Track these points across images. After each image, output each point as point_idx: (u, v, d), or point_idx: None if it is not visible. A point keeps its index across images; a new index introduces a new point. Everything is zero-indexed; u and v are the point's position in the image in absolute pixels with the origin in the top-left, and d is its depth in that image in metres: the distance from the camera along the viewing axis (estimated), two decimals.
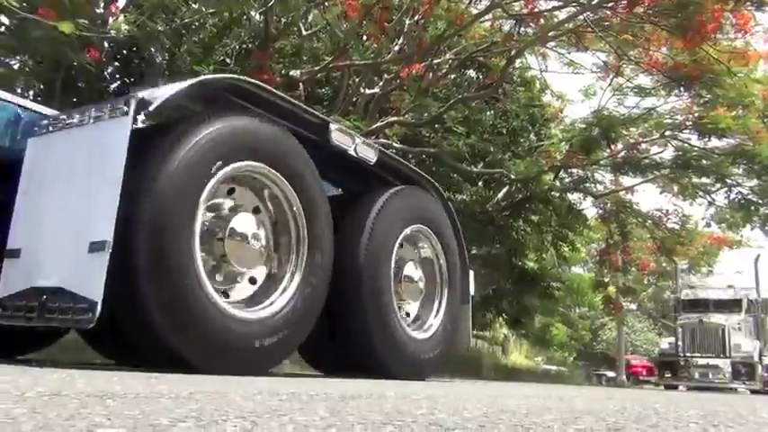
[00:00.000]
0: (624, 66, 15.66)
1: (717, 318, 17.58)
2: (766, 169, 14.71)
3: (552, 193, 17.19)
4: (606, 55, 15.58)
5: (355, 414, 1.88)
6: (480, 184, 18.03)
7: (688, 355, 17.11)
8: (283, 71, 14.52)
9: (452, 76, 17.17)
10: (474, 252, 17.79)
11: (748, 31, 13.09)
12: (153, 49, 13.18)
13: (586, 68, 16.56)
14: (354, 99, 15.75)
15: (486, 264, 18.19)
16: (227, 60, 13.83)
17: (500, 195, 17.64)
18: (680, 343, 17.44)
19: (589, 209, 19.68)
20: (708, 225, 18.02)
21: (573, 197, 18.65)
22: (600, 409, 2.78)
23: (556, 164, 16.24)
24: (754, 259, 19.03)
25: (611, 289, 21.35)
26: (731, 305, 18.32)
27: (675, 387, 17.12)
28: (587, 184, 18.55)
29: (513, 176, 15.66)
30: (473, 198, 17.45)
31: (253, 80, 4.39)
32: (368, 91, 15.83)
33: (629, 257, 20.53)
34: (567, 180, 18.46)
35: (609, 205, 19.40)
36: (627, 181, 18.50)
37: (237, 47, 13.89)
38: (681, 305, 19.26)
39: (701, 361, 16.89)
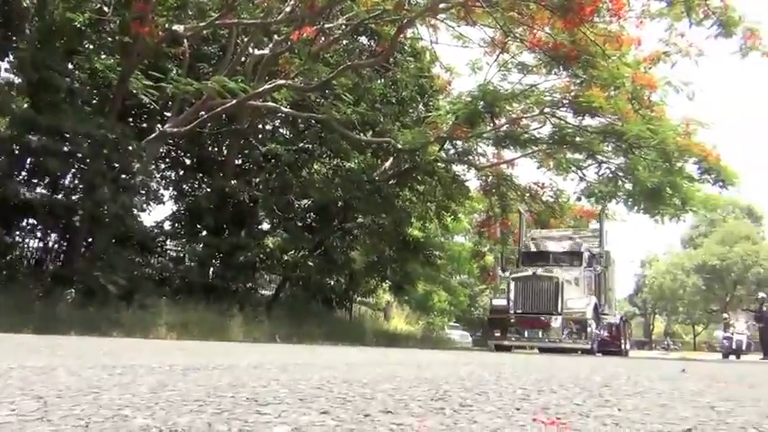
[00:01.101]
0: (510, 42, 16.12)
1: (554, 271, 15.62)
2: (632, 147, 15.73)
3: (437, 164, 17.58)
4: (493, 31, 15.97)
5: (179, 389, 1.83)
6: (369, 152, 18.13)
7: (519, 311, 15.20)
8: (167, 25, 13.80)
9: (344, 42, 17.02)
10: (360, 220, 17.96)
11: (622, 16, 13.84)
12: None
13: (474, 43, 16.91)
14: (243, 59, 15.26)
15: (371, 232, 18.41)
16: (105, 9, 12.92)
17: (387, 165, 17.81)
18: (511, 298, 15.36)
19: (472, 181, 20.32)
20: (578, 199, 19.05)
21: (457, 169, 19.18)
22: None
23: (442, 135, 16.57)
24: (600, 210, 18.05)
25: (489, 258, 22.27)
26: (571, 258, 16.68)
27: (509, 348, 15.54)
28: (471, 157, 19.11)
29: (400, 146, 15.83)
30: (361, 166, 17.51)
31: None
32: (257, 52, 15.38)
33: (508, 229, 21.39)
34: (451, 152, 18.93)
35: (490, 178, 20.12)
36: (507, 155, 19.22)
37: None
38: (521, 258, 17.44)
39: (534, 318, 15.12)
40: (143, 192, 13.74)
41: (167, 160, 17.40)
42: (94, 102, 14.29)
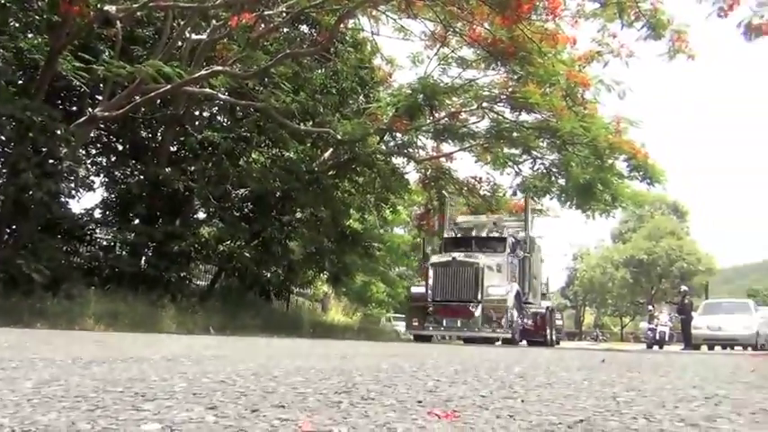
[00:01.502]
0: (450, 37, 16.28)
1: (474, 257, 14.79)
2: (566, 144, 16.17)
3: (377, 156, 17.62)
4: (434, 25, 16.08)
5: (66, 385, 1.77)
6: (308, 143, 17.99)
7: (437, 299, 14.38)
8: (98, 5, 13.29)
9: (284, 30, 16.79)
10: (299, 215, 17.87)
11: (558, 14, 14.17)
12: None
13: (415, 36, 17.00)
14: (179, 44, 14.85)
15: (310, 223, 18.30)
16: None
17: (326, 155, 17.72)
18: (430, 285, 14.56)
19: (411, 173, 20.46)
20: (514, 193, 19.48)
21: (396, 161, 19.27)
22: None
23: (382, 127, 16.61)
24: (525, 197, 17.67)
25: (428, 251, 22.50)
26: (495, 244, 15.97)
27: (429, 338, 15.06)
28: (410, 149, 19.23)
29: (339, 137, 15.78)
30: (300, 156, 17.37)
31: None
32: (194, 37, 15.00)
33: (445, 221, 21.64)
34: (391, 144, 18.99)
35: (429, 171, 20.31)
36: (446, 148, 19.44)
37: None
38: (443, 244, 16.80)
39: (452, 305, 14.27)
40: (71, 178, 13.20)
41: (98, 146, 16.80)
42: (20, 82, 13.64)
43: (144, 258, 14.96)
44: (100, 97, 14.02)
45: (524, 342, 15.93)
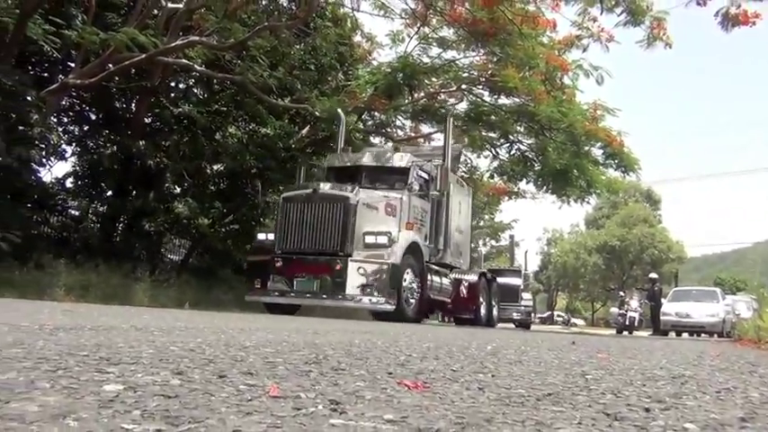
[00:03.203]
0: (431, 16, 16.16)
1: (346, 190, 10.85)
2: (543, 129, 16.26)
3: (355, 134, 17.51)
4: (415, 3, 15.95)
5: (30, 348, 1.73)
6: (286, 119, 17.80)
7: (289, 249, 10.50)
8: None
9: (263, 2, 16.54)
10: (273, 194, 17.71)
11: None
12: None
13: (396, 14, 16.84)
14: (154, 12, 14.54)
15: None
16: None
17: (304, 132, 17.57)
18: (279, 227, 10.82)
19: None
20: (492, 177, 19.57)
21: (374, 140, 19.18)
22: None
23: (360, 105, 16.49)
24: (446, 118, 14.06)
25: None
26: (392, 177, 11.89)
27: (279, 308, 10.64)
28: (388, 129, 19.16)
29: (318, 114, 15.64)
30: (277, 133, 17.19)
31: None
32: (170, 5, 14.68)
33: None
34: (369, 123, 18.90)
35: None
36: (425, 129, 19.40)
37: None
38: (324, 177, 12.82)
39: (308, 260, 10.37)
40: (42, 145, 12.93)
41: (71, 114, 16.43)
42: None
43: (116, 232, 14.76)
44: (72, 64, 13.70)
45: (445, 319, 14.10)
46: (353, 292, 10.10)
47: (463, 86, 16.98)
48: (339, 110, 14.20)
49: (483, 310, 13.69)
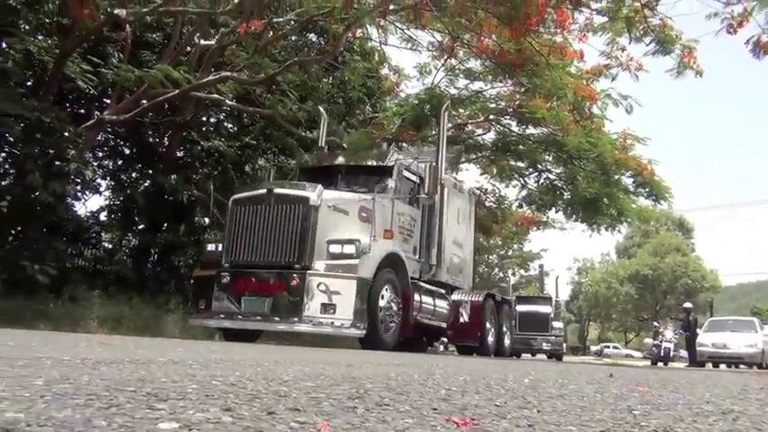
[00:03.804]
0: (458, 48, 16.27)
1: (305, 189, 8.94)
2: (572, 158, 16.15)
3: None
4: (442, 35, 16.08)
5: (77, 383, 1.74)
6: (315, 152, 17.96)
7: (238, 261, 8.80)
8: (108, 9, 13.35)
9: (292, 38, 16.84)
10: None
11: (566, 28, 14.15)
12: None
13: (423, 46, 17.00)
14: (187, 49, 14.91)
15: None
16: None
17: None
18: (228, 235, 9.09)
19: None
20: (520, 206, 19.46)
21: None
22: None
23: (388, 137, 16.58)
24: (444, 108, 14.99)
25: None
26: (373, 178, 10.07)
27: (253, 336, 9.18)
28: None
29: (345, 146, 15.76)
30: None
31: None
32: (203, 42, 15.06)
33: None
34: None
35: None
36: None
37: None
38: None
39: (260, 274, 8.60)
40: (78, 180, 13.25)
41: (105, 149, 16.86)
42: (29, 84, 13.72)
43: (148, 265, 14.96)
44: (108, 101, 14.08)
45: (444, 347, 12.49)
46: (312, 314, 8.14)
47: (491, 117, 17.00)
48: (321, 108, 13.09)
49: (491, 338, 11.89)
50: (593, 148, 15.07)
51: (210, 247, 9.81)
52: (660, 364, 19.41)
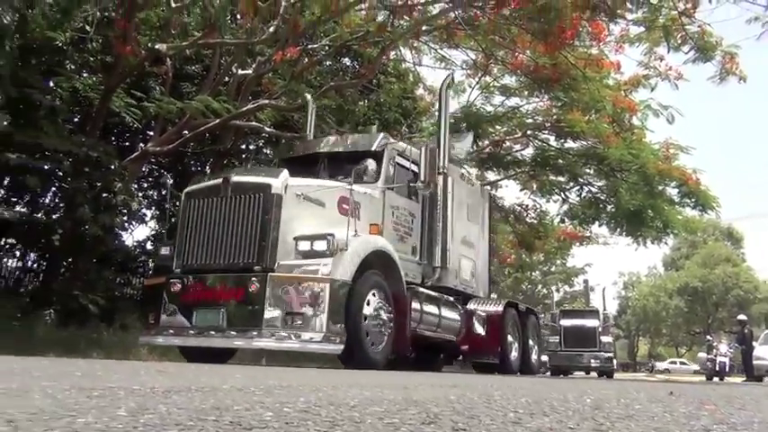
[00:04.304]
0: (492, 65, 16.29)
1: (267, 176, 7.39)
2: (614, 171, 15.92)
3: None
4: (475, 53, 16.13)
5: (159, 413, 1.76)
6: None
7: (190, 264, 7.44)
8: (149, 44, 13.75)
9: (327, 63, 17.08)
10: None
11: (602, 40, 14.05)
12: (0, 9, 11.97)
13: (457, 65, 17.07)
14: (226, 79, 15.24)
15: None
16: (87, 28, 12.87)
17: None
18: (179, 233, 7.86)
19: None
20: (562, 221, 19.21)
21: None
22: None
23: None
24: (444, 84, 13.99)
25: None
26: (357, 165, 7.81)
27: (187, 353, 7.79)
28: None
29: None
30: None
31: None
32: (240, 72, 15.37)
33: (493, 249, 21.52)
34: None
35: None
36: (491, 176, 19.32)
37: (99, 13, 12.93)
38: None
39: (215, 280, 7.19)
40: (124, 211, 13.57)
41: (150, 179, 17.24)
42: (76, 120, 14.18)
43: None
44: (151, 133, 14.44)
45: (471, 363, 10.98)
46: (275, 326, 6.62)
47: (528, 132, 16.91)
48: (307, 94, 11.93)
49: (514, 354, 10.53)
50: (635, 160, 14.84)
51: (164, 250, 8.14)
52: (716, 379, 18.78)
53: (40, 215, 12.08)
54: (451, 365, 11.21)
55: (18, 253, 12.42)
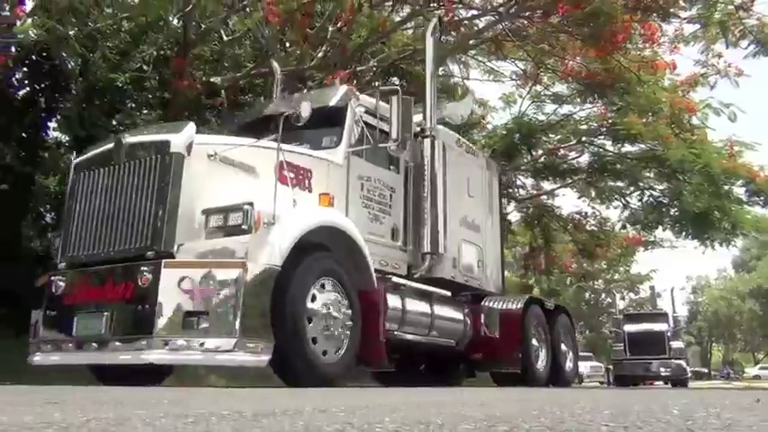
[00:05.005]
0: (542, 74, 16.13)
1: (169, 131, 5.49)
2: (676, 173, 15.45)
3: None
4: (524, 63, 16.01)
5: None
6: None
7: (74, 255, 5.76)
8: (204, 78, 14.20)
9: (376, 84, 17.23)
10: None
11: (656, 41, 13.75)
12: (64, 55, 12.60)
13: (506, 76, 16.98)
14: None
15: None
16: (145, 67, 13.41)
17: None
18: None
19: (513, 213, 20.17)
20: (623, 227, 18.74)
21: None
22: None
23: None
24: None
25: (536, 291, 21.95)
26: (319, 127, 6.24)
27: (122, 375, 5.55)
28: (510, 189, 18.98)
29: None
30: None
31: None
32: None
33: (552, 260, 21.14)
34: None
35: (531, 210, 19.94)
36: (547, 185, 19.07)
37: (155, 53, 13.47)
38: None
39: (98, 273, 5.45)
40: None
41: None
42: None
43: None
44: None
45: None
46: (170, 331, 4.88)
47: (583, 139, 16.63)
48: (274, 62, 10.10)
49: (541, 362, 8.73)
50: (697, 160, 14.37)
51: (57, 241, 6.23)
52: None
53: None
54: (474, 378, 9.19)
55: None
